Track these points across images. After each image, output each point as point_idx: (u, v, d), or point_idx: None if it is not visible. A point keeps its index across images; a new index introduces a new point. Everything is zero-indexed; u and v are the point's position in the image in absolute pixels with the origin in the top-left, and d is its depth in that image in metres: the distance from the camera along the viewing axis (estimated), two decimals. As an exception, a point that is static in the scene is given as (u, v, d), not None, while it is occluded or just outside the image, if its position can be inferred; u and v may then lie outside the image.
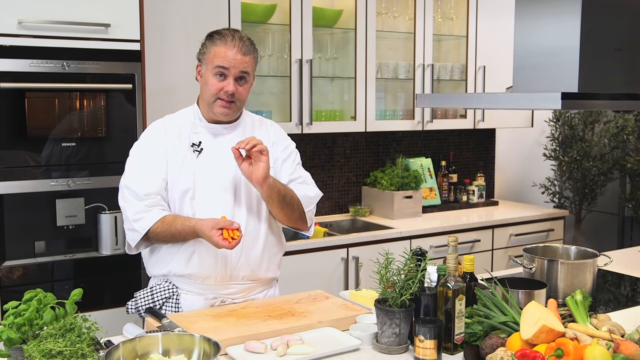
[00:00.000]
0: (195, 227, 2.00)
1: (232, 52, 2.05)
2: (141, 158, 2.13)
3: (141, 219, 2.05)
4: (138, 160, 2.13)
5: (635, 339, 1.71)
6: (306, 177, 2.27)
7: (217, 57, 2.06)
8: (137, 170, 2.11)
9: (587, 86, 2.00)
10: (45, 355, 1.48)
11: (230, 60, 2.05)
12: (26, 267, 2.67)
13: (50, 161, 2.67)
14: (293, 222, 2.22)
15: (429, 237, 3.75)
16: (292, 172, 2.24)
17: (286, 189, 2.14)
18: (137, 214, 2.06)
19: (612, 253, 2.79)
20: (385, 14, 4.05)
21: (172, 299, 2.12)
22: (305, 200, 2.19)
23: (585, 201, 4.60)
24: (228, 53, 2.05)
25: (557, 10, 2.04)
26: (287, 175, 2.22)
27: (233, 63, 2.05)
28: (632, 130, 4.44)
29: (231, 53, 2.05)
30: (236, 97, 2.09)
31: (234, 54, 2.05)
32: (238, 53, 2.05)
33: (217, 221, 1.97)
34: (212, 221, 1.97)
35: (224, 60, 2.05)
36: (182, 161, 2.10)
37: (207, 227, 1.96)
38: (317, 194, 2.25)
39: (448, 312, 1.73)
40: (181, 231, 2.04)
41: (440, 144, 4.61)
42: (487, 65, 4.24)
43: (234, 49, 2.05)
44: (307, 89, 3.61)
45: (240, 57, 2.06)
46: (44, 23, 2.60)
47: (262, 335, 1.80)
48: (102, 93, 2.76)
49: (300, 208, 2.18)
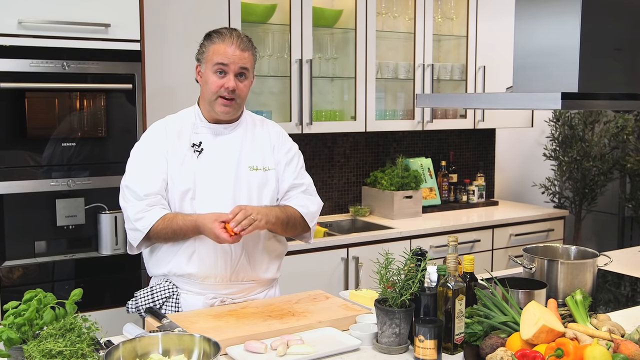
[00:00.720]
0: (197, 221, 2.01)
1: (231, 49, 2.06)
2: (142, 158, 2.13)
3: (142, 218, 2.05)
4: (139, 160, 2.13)
5: (635, 339, 1.71)
6: (308, 185, 2.27)
7: (216, 54, 2.07)
8: (137, 171, 2.11)
9: (587, 86, 2.00)
10: (45, 355, 1.48)
11: (229, 56, 2.06)
12: (26, 267, 2.67)
13: (51, 161, 2.67)
14: (296, 235, 2.27)
15: (429, 237, 3.75)
16: (296, 177, 2.24)
17: (287, 215, 2.15)
18: (138, 213, 2.06)
19: (612, 253, 2.79)
20: (385, 14, 4.05)
21: (172, 298, 2.12)
22: (308, 217, 2.21)
23: (585, 201, 4.60)
24: (227, 50, 2.06)
25: (557, 10, 2.04)
26: (291, 180, 2.23)
27: (232, 59, 2.06)
28: (632, 130, 4.44)
29: (230, 49, 2.06)
30: (237, 93, 2.09)
31: (233, 50, 2.06)
32: (237, 49, 2.06)
33: (219, 214, 1.98)
34: (215, 214, 1.98)
35: (223, 57, 2.06)
36: (182, 161, 2.11)
37: (209, 220, 1.97)
38: (318, 207, 2.27)
39: (448, 312, 1.73)
40: (182, 227, 2.04)
41: (440, 144, 4.61)
42: (487, 65, 4.24)
43: (232, 45, 2.06)
44: (307, 89, 3.61)
45: (239, 52, 2.07)
46: (44, 23, 2.60)
47: (262, 335, 1.80)
48: (102, 93, 2.76)
49: (303, 224, 2.21)
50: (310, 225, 2.22)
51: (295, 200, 2.21)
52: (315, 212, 2.25)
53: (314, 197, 2.27)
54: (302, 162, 2.29)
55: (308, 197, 2.25)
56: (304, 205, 2.21)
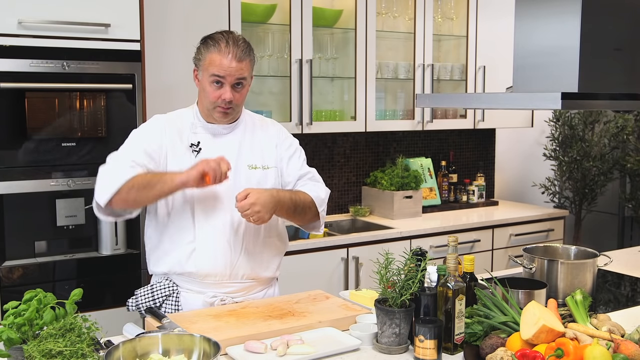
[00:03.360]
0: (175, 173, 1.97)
1: (227, 60, 2.02)
2: (134, 139, 2.12)
3: (115, 176, 2.00)
4: (131, 141, 2.12)
5: (635, 339, 1.71)
6: (314, 173, 2.28)
7: (213, 65, 2.03)
8: (126, 147, 2.10)
9: (587, 86, 2.00)
10: (45, 355, 1.48)
11: (225, 68, 2.02)
12: (26, 267, 2.67)
13: (50, 161, 2.67)
14: (307, 223, 2.24)
15: (429, 237, 3.75)
16: (300, 168, 2.24)
17: (297, 197, 2.13)
18: (111, 171, 2.02)
19: (612, 253, 2.79)
20: (385, 14, 4.05)
21: (172, 296, 2.12)
22: (318, 202, 2.19)
23: (585, 201, 4.60)
24: (223, 61, 2.02)
25: (557, 10, 2.04)
26: (296, 170, 2.23)
27: (229, 71, 2.03)
28: (632, 130, 4.44)
29: (226, 61, 2.02)
30: (234, 103, 2.09)
31: (229, 61, 2.02)
32: (233, 60, 2.02)
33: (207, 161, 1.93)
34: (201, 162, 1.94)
35: (219, 69, 2.03)
36: (181, 161, 2.10)
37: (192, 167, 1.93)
38: (326, 193, 2.26)
39: (448, 312, 1.73)
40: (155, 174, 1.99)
41: (440, 144, 4.61)
42: (487, 65, 4.24)
43: (228, 55, 2.02)
44: (307, 89, 3.61)
45: (236, 64, 2.03)
46: (44, 23, 2.60)
47: (262, 335, 1.80)
48: (102, 93, 2.76)
49: (314, 209, 2.18)
50: (319, 210, 2.19)
51: (305, 187, 2.21)
52: (325, 199, 2.23)
53: (321, 184, 2.27)
54: (304, 156, 2.29)
55: (316, 184, 2.24)
56: (313, 189, 2.20)
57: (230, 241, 2.11)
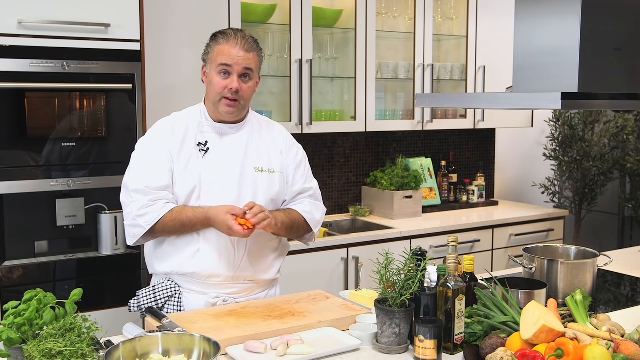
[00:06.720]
0: (209, 213, 2.01)
1: (235, 50, 2.06)
2: (147, 153, 2.11)
3: (146, 214, 2.04)
4: (144, 155, 2.12)
5: (635, 339, 1.71)
6: (316, 189, 2.30)
7: (221, 55, 2.07)
8: (142, 166, 2.10)
9: (587, 86, 2.00)
10: (45, 355, 1.48)
11: (233, 57, 2.06)
12: (26, 267, 2.67)
13: (50, 161, 2.67)
14: (299, 239, 2.30)
15: (429, 237, 3.75)
16: (305, 182, 2.26)
17: (291, 219, 2.17)
18: (141, 209, 2.04)
19: (612, 253, 2.79)
20: (385, 14, 4.05)
21: (174, 297, 2.12)
22: (313, 224, 2.23)
23: (585, 201, 4.60)
24: (231, 50, 2.06)
25: (557, 10, 2.04)
26: (301, 184, 2.25)
27: (236, 60, 2.06)
28: (632, 130, 4.44)
29: (234, 50, 2.06)
30: (240, 94, 2.09)
31: (237, 50, 2.06)
32: (241, 50, 2.07)
33: (232, 207, 2.00)
34: (227, 207, 2.00)
35: (227, 58, 2.06)
36: (188, 161, 2.10)
37: (222, 212, 1.98)
38: (322, 214, 2.30)
39: (448, 312, 1.73)
40: (192, 218, 2.04)
41: (440, 144, 4.61)
42: (487, 65, 4.24)
43: (237, 46, 2.07)
44: (307, 89, 3.61)
45: (244, 53, 2.07)
46: (44, 23, 2.60)
47: (262, 335, 1.80)
48: (102, 93, 2.76)
49: (306, 228, 2.23)
50: (314, 231, 2.25)
51: (302, 206, 2.23)
52: (320, 220, 2.28)
53: (319, 203, 2.30)
54: (309, 165, 2.31)
55: (314, 204, 2.27)
56: (310, 211, 2.23)
57: (234, 242, 2.11)
